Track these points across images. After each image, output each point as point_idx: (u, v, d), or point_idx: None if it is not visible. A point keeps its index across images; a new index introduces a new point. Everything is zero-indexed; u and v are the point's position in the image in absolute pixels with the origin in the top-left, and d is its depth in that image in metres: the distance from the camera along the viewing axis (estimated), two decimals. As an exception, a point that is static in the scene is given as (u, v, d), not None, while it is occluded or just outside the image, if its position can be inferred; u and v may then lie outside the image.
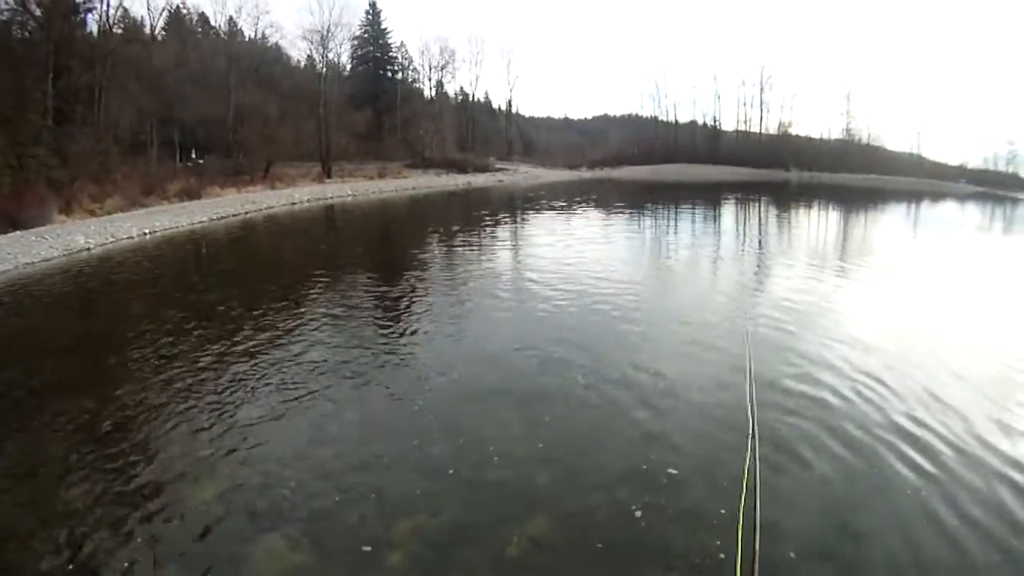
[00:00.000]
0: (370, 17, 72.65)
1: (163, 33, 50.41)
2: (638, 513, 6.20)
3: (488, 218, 34.60)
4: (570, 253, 21.48)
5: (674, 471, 6.96)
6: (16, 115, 29.68)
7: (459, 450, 7.44)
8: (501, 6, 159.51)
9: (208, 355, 10.78)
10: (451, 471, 6.94)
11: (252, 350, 11.07)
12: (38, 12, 34.66)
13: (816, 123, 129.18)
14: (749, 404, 4.47)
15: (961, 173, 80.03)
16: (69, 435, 7.82)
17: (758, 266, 20.36)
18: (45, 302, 15.03)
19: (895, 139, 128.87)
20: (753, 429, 6.14)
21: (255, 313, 13.55)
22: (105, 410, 8.56)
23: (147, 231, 25.20)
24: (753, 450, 5.64)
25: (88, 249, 21.20)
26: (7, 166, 27.40)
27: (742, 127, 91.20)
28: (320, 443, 7.60)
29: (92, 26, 39.86)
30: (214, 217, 30.71)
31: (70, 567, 5.42)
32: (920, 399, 9.02)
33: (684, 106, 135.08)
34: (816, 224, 35.04)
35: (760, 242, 26.73)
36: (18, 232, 22.22)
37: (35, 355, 11.08)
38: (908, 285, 17.39)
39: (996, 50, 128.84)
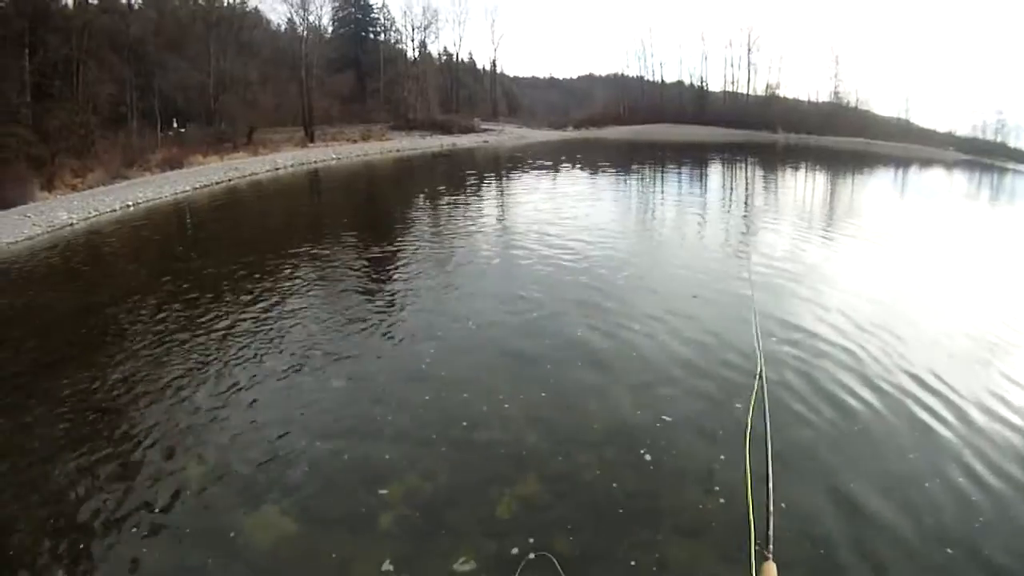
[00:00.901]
0: (351, -23, 71.71)
1: (139, 2, 49.69)
2: (643, 462, 6.51)
3: (475, 179, 34.82)
4: (560, 212, 21.95)
5: (668, 418, 7.34)
6: None
7: (451, 412, 7.59)
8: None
9: (197, 324, 10.92)
10: (443, 433, 7.09)
11: (241, 318, 11.25)
12: None
13: (804, 85, 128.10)
14: (756, 346, 4.49)
15: (949, 140, 79.66)
16: (61, 411, 7.87)
17: (745, 228, 20.68)
18: (31, 280, 15.04)
19: (884, 104, 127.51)
20: (761, 372, 6.31)
21: (242, 281, 13.70)
22: (95, 385, 8.66)
23: (130, 203, 25.16)
24: (761, 397, 5.75)
25: (72, 224, 21.20)
26: None
27: (729, 88, 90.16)
28: (312, 409, 7.77)
29: (67, -2, 39.27)
30: (197, 186, 30.58)
31: (62, 542, 5.55)
32: (913, 355, 9.42)
33: (670, 66, 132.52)
34: (804, 187, 35.18)
35: (747, 203, 27.02)
36: (0, 211, 22.19)
37: (23, 333, 11.16)
38: (897, 249, 17.72)
39: (987, 19, 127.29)
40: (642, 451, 6.68)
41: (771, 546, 2.59)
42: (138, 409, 7.92)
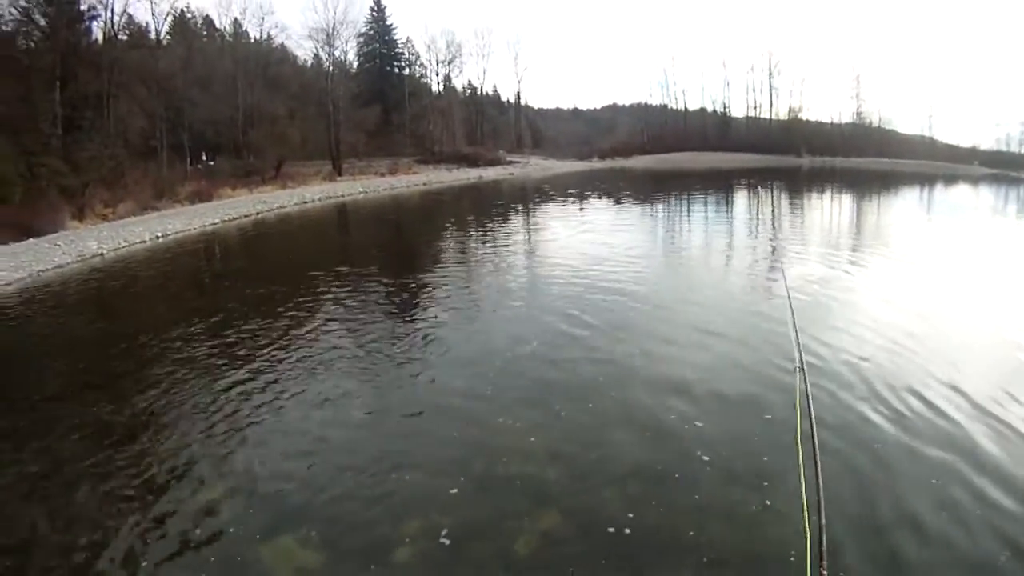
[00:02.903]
0: (375, 13, 72.56)
1: (168, 38, 50.21)
2: (669, 496, 6.18)
3: (502, 211, 34.52)
4: (589, 242, 21.47)
5: (706, 457, 6.86)
6: (25, 125, 29.96)
7: (473, 445, 7.37)
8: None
9: (222, 355, 10.76)
10: (465, 466, 6.89)
11: (265, 350, 10.99)
12: (43, 22, 35.03)
13: (826, 107, 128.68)
14: (800, 374, 4.05)
15: (974, 155, 79.63)
16: (84, 438, 7.84)
17: (773, 254, 20.08)
18: (59, 308, 15.02)
19: (907, 122, 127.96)
20: (808, 394, 5.89)
21: (268, 313, 13.43)
22: (119, 413, 8.57)
23: (159, 234, 25.22)
24: (806, 415, 5.46)
25: (101, 254, 21.25)
26: (19, 176, 27.60)
27: (752, 113, 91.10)
28: (331, 441, 7.62)
29: (97, 34, 40.16)
30: (226, 218, 30.72)
31: (80, 569, 5.44)
32: (950, 375, 8.95)
33: (693, 93, 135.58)
34: (830, 210, 34.69)
35: (774, 229, 26.36)
36: (32, 240, 22.46)
37: (50, 360, 11.15)
38: (927, 268, 17.24)
39: (1008, 30, 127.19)
40: (668, 485, 6.42)
41: (824, 562, 2.61)
42: (161, 437, 7.89)
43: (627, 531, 5.70)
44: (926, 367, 9.28)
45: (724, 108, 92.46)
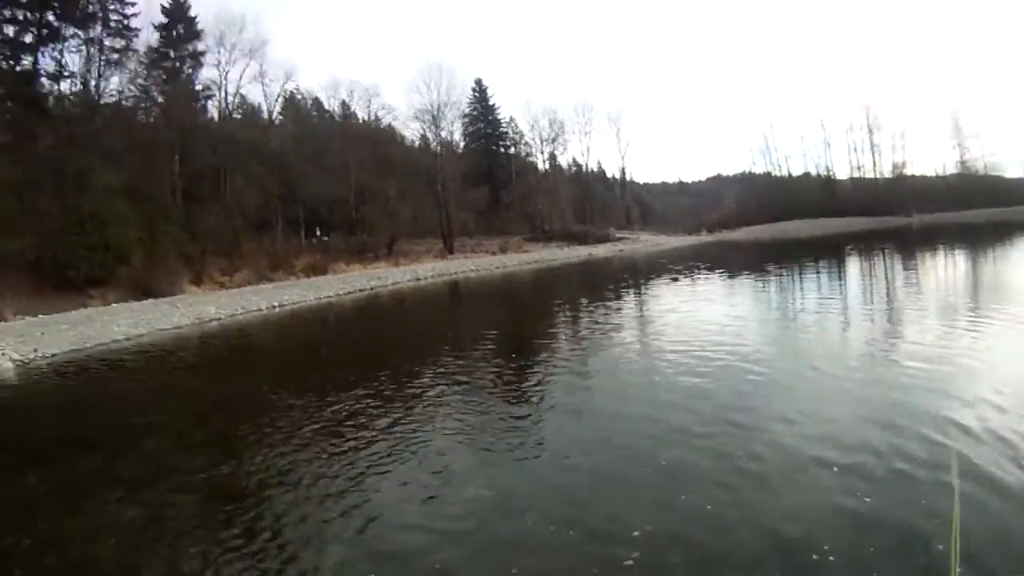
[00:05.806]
0: (477, 94, 73.82)
1: (280, 118, 51.70)
2: None
3: (616, 287, 32.72)
4: (702, 319, 19.20)
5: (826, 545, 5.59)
6: (148, 194, 31.93)
7: (591, 528, 6.58)
8: (606, 73, 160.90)
9: (335, 424, 10.44)
10: (582, 549, 6.17)
11: (380, 418, 10.60)
12: (160, 99, 37.57)
13: (930, 159, 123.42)
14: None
15: None
16: (197, 495, 7.77)
17: (891, 325, 17.48)
18: (176, 365, 15.28)
19: (1015, 165, 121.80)
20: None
21: (384, 383, 12.79)
22: (232, 470, 8.48)
23: (276, 304, 25.39)
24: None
25: (219, 319, 21.58)
26: (140, 239, 29.48)
27: (856, 173, 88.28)
28: (443, 515, 7.05)
29: (212, 112, 42.90)
30: (340, 292, 31.06)
31: None
32: None
33: (795, 158, 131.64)
34: (948, 272, 31.75)
35: (889, 297, 23.70)
36: (151, 300, 23.83)
37: (165, 413, 11.39)
38: None
39: None
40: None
41: None
42: (274, 496, 7.65)
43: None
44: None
45: (828, 170, 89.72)
